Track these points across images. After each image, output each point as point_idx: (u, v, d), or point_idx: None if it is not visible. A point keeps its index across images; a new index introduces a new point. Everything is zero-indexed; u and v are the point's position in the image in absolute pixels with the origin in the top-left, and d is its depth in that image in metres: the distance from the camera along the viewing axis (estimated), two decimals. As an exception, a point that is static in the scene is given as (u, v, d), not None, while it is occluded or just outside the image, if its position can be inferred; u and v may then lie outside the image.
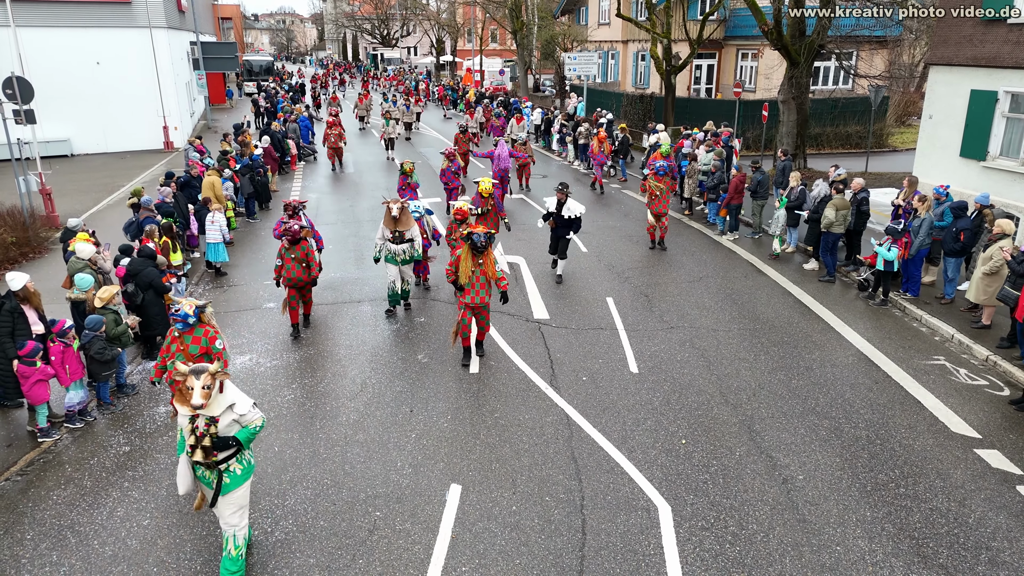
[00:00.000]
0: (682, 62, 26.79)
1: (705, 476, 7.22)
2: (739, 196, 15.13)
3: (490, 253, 9.07)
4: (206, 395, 5.32)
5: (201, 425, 5.40)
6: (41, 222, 15.50)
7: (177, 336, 7.06)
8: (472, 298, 9.06)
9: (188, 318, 6.93)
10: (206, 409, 5.39)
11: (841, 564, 6.03)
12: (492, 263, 9.06)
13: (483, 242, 8.90)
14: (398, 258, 10.78)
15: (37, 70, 21.52)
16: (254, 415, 5.64)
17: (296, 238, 9.97)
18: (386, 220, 10.67)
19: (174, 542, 6.32)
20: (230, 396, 5.58)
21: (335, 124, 23.43)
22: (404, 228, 10.69)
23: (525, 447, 7.73)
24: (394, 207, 10.50)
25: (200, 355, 6.96)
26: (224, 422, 5.48)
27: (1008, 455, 7.56)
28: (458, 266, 9.04)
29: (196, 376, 5.32)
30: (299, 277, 10.11)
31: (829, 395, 8.83)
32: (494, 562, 6.07)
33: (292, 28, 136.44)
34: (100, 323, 8.08)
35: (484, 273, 9.04)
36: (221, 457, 5.50)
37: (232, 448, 5.53)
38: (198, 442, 5.37)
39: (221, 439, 5.43)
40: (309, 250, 10.16)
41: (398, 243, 10.68)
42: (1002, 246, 9.94)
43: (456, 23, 66.56)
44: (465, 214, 10.53)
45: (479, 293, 9.07)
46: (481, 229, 9.01)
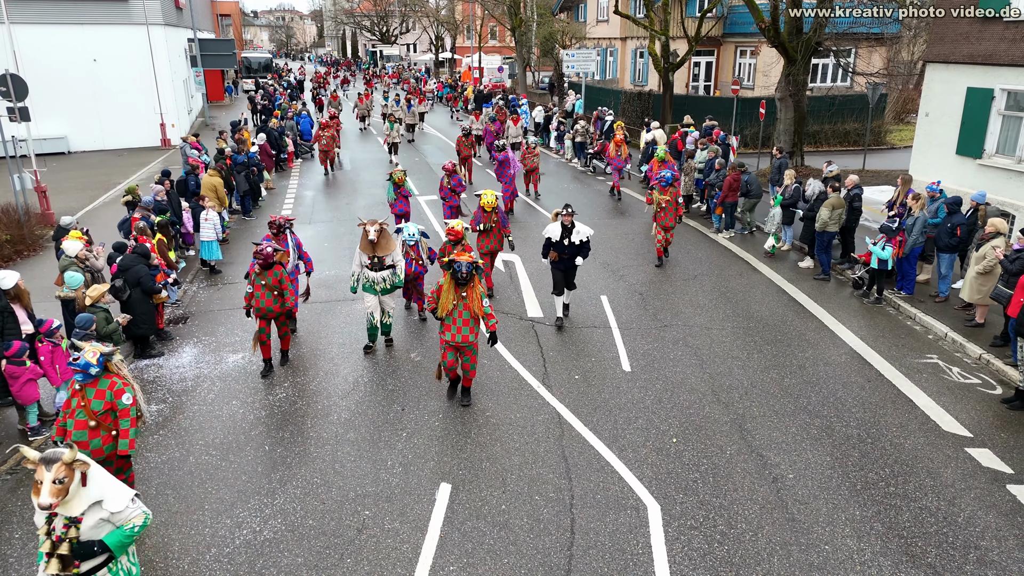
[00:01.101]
0: (680, 59, 26.74)
1: (695, 475, 7.21)
2: (734, 194, 15.11)
3: (476, 286, 7.94)
4: (57, 492, 4.30)
5: (58, 527, 4.39)
6: (36, 220, 15.50)
7: (78, 390, 5.79)
8: (453, 335, 7.92)
9: (90, 368, 5.67)
10: (63, 508, 4.40)
11: (829, 563, 6.02)
12: (479, 297, 7.91)
13: (464, 273, 7.75)
14: (377, 287, 9.53)
15: (33, 67, 21.48)
16: (132, 512, 4.63)
17: (268, 262, 8.78)
18: (362, 244, 9.42)
19: (162, 541, 6.31)
20: (96, 490, 4.53)
21: (328, 125, 22.57)
22: (384, 253, 9.47)
23: (516, 446, 7.73)
24: (371, 229, 9.28)
25: (105, 411, 5.79)
26: (89, 522, 4.48)
27: (999, 454, 7.55)
28: (439, 295, 8.01)
29: (47, 467, 4.28)
30: (270, 307, 8.88)
31: (821, 393, 8.82)
32: (482, 561, 6.07)
33: (291, 25, 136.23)
34: (90, 321, 8.05)
35: (469, 308, 7.89)
36: (85, 569, 4.51)
37: (100, 556, 4.54)
38: (54, 549, 4.37)
39: (83, 545, 4.44)
40: (283, 276, 8.92)
41: (377, 270, 9.44)
42: (995, 245, 9.92)
43: (455, 20, 66.49)
44: (459, 234, 9.41)
45: (461, 330, 7.91)
46: (466, 257, 7.82)
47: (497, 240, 11.49)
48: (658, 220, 13.39)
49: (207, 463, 7.47)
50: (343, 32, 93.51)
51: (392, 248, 9.56)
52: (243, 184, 17.02)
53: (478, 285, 7.97)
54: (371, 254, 9.43)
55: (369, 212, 17.66)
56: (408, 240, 10.09)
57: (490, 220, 11.32)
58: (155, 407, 8.60)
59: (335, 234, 15.89)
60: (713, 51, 33.22)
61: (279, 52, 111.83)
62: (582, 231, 10.22)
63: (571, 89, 35.32)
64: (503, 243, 11.66)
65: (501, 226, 11.49)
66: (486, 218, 11.31)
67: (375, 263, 9.43)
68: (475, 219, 11.43)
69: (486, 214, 11.29)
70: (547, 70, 49.86)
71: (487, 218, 11.31)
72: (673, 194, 13.25)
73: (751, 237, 15.53)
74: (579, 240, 10.19)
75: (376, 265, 9.44)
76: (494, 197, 11.20)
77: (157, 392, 8.95)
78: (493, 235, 11.44)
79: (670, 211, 13.21)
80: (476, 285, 7.94)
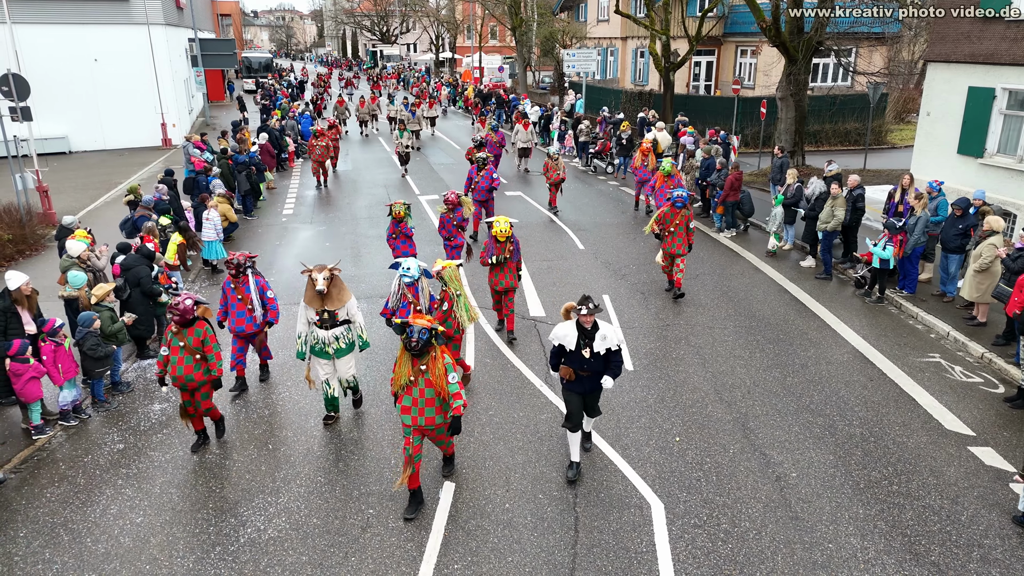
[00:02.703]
0: (681, 59, 26.75)
1: (698, 474, 7.22)
2: (735, 193, 15.12)
3: (439, 358, 6.28)
4: None
5: None
6: (38, 220, 15.50)
7: None
8: (415, 418, 6.33)
9: None
10: None
11: (833, 561, 6.03)
12: (442, 372, 6.25)
13: (416, 342, 6.11)
14: (328, 349, 7.71)
15: (34, 67, 21.48)
16: None
17: (186, 319, 7.10)
18: (308, 295, 7.69)
19: (167, 539, 6.33)
20: None
21: (323, 134, 20.61)
22: (336, 306, 7.68)
23: (519, 445, 7.73)
24: (319, 277, 7.55)
25: None
26: None
27: (1002, 452, 7.56)
28: (394, 369, 6.46)
29: None
30: (189, 375, 7.17)
31: (824, 392, 8.83)
32: (486, 559, 6.07)
33: (291, 25, 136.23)
34: (92, 319, 8.08)
35: (432, 385, 6.29)
36: None
37: None
38: None
39: None
40: (207, 336, 7.24)
41: (327, 327, 7.66)
42: (994, 243, 9.93)
43: (455, 20, 66.51)
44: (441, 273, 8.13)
45: (424, 411, 6.30)
46: (424, 321, 6.27)
47: (513, 275, 9.95)
48: (665, 246, 11.60)
49: (211, 462, 7.48)
50: (343, 32, 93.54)
51: (347, 299, 7.80)
52: (244, 184, 17.04)
53: (442, 356, 6.31)
54: (319, 308, 7.62)
55: (370, 212, 17.71)
56: (405, 279, 8.18)
57: (504, 251, 9.78)
58: (158, 406, 8.61)
59: (337, 234, 15.90)
60: (714, 51, 33.22)
61: (279, 52, 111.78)
62: (609, 336, 6.81)
63: (571, 89, 35.34)
64: (520, 278, 10.25)
65: (517, 258, 10.05)
66: (499, 249, 9.78)
67: (325, 319, 7.63)
68: (486, 251, 9.96)
69: (499, 244, 9.79)
70: (547, 70, 49.90)
71: (501, 249, 9.78)
72: (685, 217, 11.30)
73: (749, 236, 15.54)
74: (605, 349, 6.79)
75: (327, 322, 7.64)
76: (508, 225, 9.72)
77: (160, 391, 8.95)
78: (508, 269, 9.89)
79: (680, 235, 11.30)
80: (440, 356, 6.30)
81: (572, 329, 6.86)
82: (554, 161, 16.99)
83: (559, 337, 6.92)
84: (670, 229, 11.35)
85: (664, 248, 11.73)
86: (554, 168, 16.96)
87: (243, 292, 8.47)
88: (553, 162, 16.98)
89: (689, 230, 11.38)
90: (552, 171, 16.99)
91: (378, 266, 13.53)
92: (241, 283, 8.48)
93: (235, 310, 8.51)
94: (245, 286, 8.49)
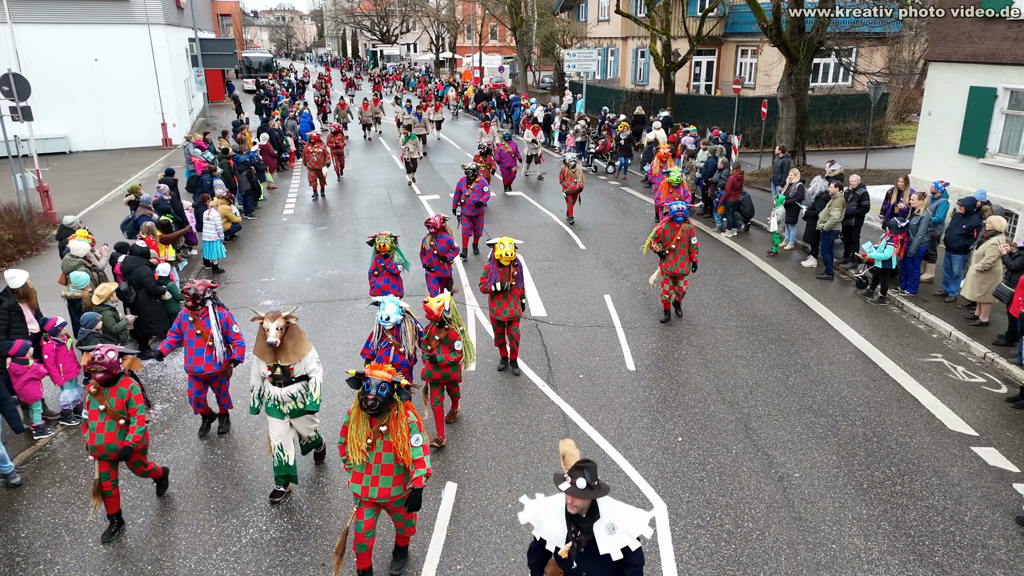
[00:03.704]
0: (681, 59, 26.75)
1: (701, 474, 7.21)
2: (736, 193, 15.11)
3: (403, 416, 5.25)
4: None
5: None
6: (38, 219, 15.49)
7: None
8: (365, 488, 5.31)
9: None
10: None
11: (837, 562, 6.02)
12: (405, 434, 5.22)
13: (374, 400, 5.13)
14: (283, 408, 6.57)
15: (34, 67, 21.45)
16: None
17: (111, 376, 5.97)
18: (258, 346, 6.54)
19: (168, 540, 6.31)
20: None
21: (319, 140, 18.90)
22: (290, 361, 6.49)
23: (521, 445, 7.72)
24: (270, 326, 6.38)
25: None
26: None
27: (1005, 453, 7.54)
28: (345, 433, 5.44)
29: None
30: (111, 444, 6.02)
31: (826, 392, 8.82)
32: (489, 560, 6.06)
33: (291, 25, 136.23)
34: (95, 320, 8.06)
35: (391, 448, 5.24)
36: None
37: None
38: None
39: None
40: (132, 396, 6.08)
41: (282, 384, 6.50)
42: (996, 242, 9.92)
43: (455, 20, 66.50)
44: (437, 316, 7.24)
45: (379, 481, 5.29)
46: (383, 373, 5.22)
47: (517, 303, 8.88)
48: (666, 266, 10.44)
49: (212, 462, 7.47)
50: (343, 32, 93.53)
51: (304, 352, 6.60)
52: (244, 183, 17.02)
53: (405, 415, 5.26)
54: (271, 362, 6.49)
55: (371, 212, 17.70)
56: (383, 322, 7.27)
57: (508, 277, 8.65)
58: (160, 406, 8.60)
59: (338, 234, 15.89)
60: (714, 51, 33.20)
61: (279, 52, 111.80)
62: (622, 525, 4.10)
63: (570, 88, 35.34)
64: (522, 304, 9.09)
65: (521, 284, 8.96)
66: (502, 274, 8.62)
67: (278, 375, 6.47)
68: (487, 276, 8.79)
69: (502, 269, 8.62)
70: (548, 70, 49.90)
71: (505, 274, 8.63)
72: (686, 232, 10.27)
73: (750, 236, 15.53)
74: (618, 550, 4.04)
75: (280, 378, 6.48)
76: (512, 247, 8.61)
77: (162, 391, 8.95)
78: (512, 297, 8.77)
79: (682, 253, 10.31)
80: (403, 415, 5.24)
81: (557, 511, 4.18)
82: (571, 168, 15.89)
83: (538, 524, 4.28)
84: (671, 247, 10.27)
85: (663, 268, 10.50)
86: (571, 176, 15.89)
87: (202, 327, 7.39)
88: (570, 169, 15.89)
89: (692, 247, 10.29)
90: (569, 179, 15.94)
91: (379, 266, 13.51)
92: (200, 316, 7.41)
93: (193, 347, 7.38)
94: (205, 320, 7.41)
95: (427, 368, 7.53)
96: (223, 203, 14.20)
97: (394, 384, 5.24)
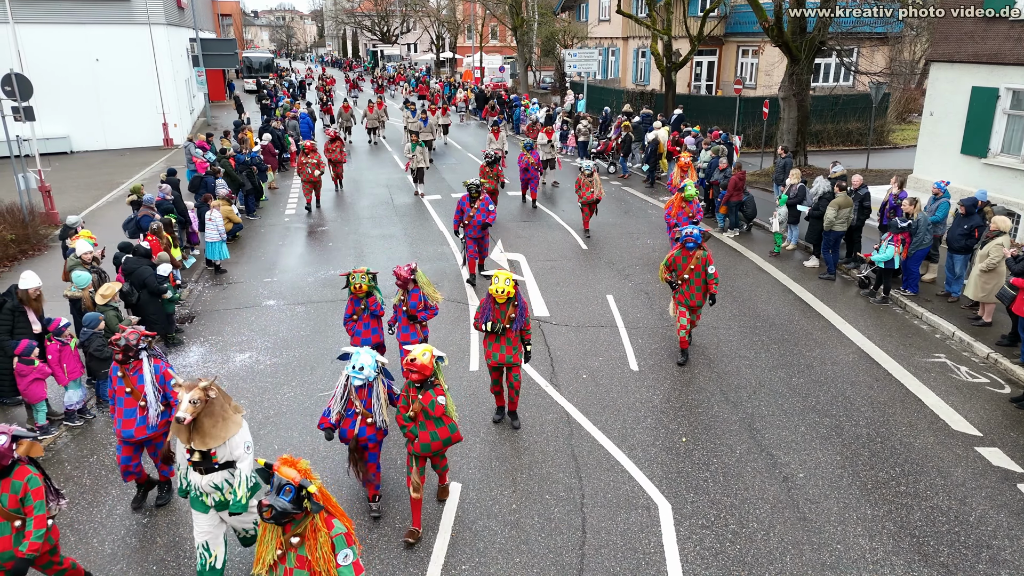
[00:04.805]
0: (683, 59, 26.75)
1: (705, 474, 7.21)
2: (739, 193, 15.11)
3: (320, 529, 4.30)
4: None
5: None
6: (40, 219, 15.49)
7: None
8: None
9: None
10: None
11: (842, 562, 6.02)
12: (327, 552, 4.27)
13: (268, 509, 4.12)
14: (206, 500, 5.44)
15: (36, 67, 21.46)
16: None
17: (2, 465, 4.89)
18: (175, 424, 5.34)
19: (173, 540, 6.31)
20: None
21: (313, 150, 17.17)
22: (209, 444, 5.28)
23: (525, 445, 7.72)
24: (183, 398, 5.19)
25: None
26: None
27: (1009, 453, 7.54)
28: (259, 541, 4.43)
29: None
30: (6, 552, 4.95)
31: (830, 393, 8.82)
32: (494, 560, 6.06)
33: (291, 25, 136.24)
34: (97, 320, 8.06)
35: (306, 567, 4.27)
36: None
37: None
38: None
39: None
40: (28, 492, 4.93)
41: (204, 471, 5.34)
42: (1001, 243, 9.92)
43: (456, 20, 66.50)
44: (425, 371, 5.84)
45: None
46: (292, 472, 4.22)
47: (514, 348, 7.58)
48: (681, 298, 9.21)
49: (216, 462, 7.45)
50: (343, 32, 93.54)
51: (230, 434, 5.35)
52: (246, 183, 17.02)
53: (325, 526, 4.31)
54: (186, 443, 5.33)
55: (372, 212, 17.69)
56: (356, 380, 6.02)
57: (503, 317, 7.47)
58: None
59: (339, 234, 15.88)
60: (715, 51, 33.22)
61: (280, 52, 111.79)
62: None
63: (571, 88, 35.33)
64: (525, 351, 7.79)
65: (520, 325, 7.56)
66: (498, 314, 7.46)
67: (197, 461, 5.32)
68: (481, 312, 7.64)
69: (498, 308, 7.46)
70: (548, 70, 49.89)
71: (500, 314, 7.45)
72: (701, 260, 9.00)
73: (752, 236, 15.52)
74: None
75: (199, 464, 5.33)
76: (510, 283, 7.37)
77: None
78: (508, 339, 7.53)
79: (697, 283, 9.04)
80: (321, 527, 4.30)
81: None
82: (587, 178, 14.52)
83: None
84: (684, 276, 9.07)
85: (679, 300, 9.24)
86: (587, 186, 14.56)
87: (133, 383, 6.25)
88: (586, 178, 14.53)
89: (709, 276, 9.00)
90: (585, 189, 14.61)
91: (381, 265, 13.50)
92: (131, 371, 6.26)
93: (122, 407, 6.25)
94: (137, 375, 6.26)
95: (407, 437, 6.10)
96: (224, 204, 14.21)
97: (301, 490, 4.15)
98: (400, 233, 15.79)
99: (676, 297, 9.33)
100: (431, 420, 5.99)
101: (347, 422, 6.21)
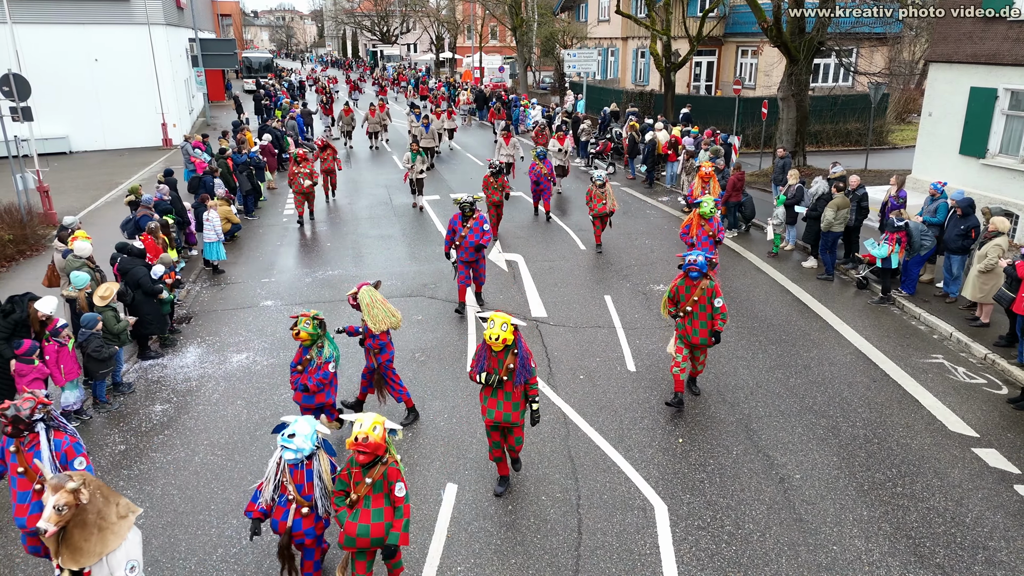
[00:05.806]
0: (682, 59, 26.73)
1: (702, 475, 7.20)
2: (737, 194, 15.11)
3: None
4: None
5: None
6: (38, 220, 15.49)
7: None
8: None
9: None
10: None
11: (838, 564, 6.01)
12: None
13: None
14: None
15: (34, 67, 21.45)
16: None
17: None
18: None
19: (168, 542, 6.30)
20: None
21: (305, 159, 15.94)
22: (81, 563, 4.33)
23: (522, 446, 7.70)
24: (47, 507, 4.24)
25: None
26: None
27: (1006, 454, 7.53)
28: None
29: None
30: None
31: (827, 393, 8.81)
32: (489, 561, 6.05)
33: (291, 25, 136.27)
34: (95, 320, 8.06)
35: None
36: None
37: None
38: None
39: None
40: None
41: None
42: (999, 244, 9.91)
43: (456, 20, 66.52)
44: (375, 451, 4.79)
45: None
46: None
47: (514, 405, 6.37)
48: (681, 332, 8.09)
49: (213, 463, 7.46)
50: (343, 32, 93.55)
51: (107, 548, 4.37)
52: (245, 183, 17.02)
53: None
54: (54, 557, 4.41)
55: (371, 212, 17.68)
56: (287, 454, 5.03)
57: (502, 367, 6.27)
58: (160, 407, 8.59)
59: (338, 234, 15.88)
60: (715, 51, 33.21)
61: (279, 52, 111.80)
62: None
63: (571, 89, 35.32)
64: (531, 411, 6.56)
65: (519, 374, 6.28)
66: (494, 362, 6.29)
67: None
68: (476, 359, 6.44)
69: (494, 356, 6.30)
70: (548, 70, 49.91)
71: (496, 362, 6.29)
72: (707, 291, 7.86)
73: (750, 237, 15.52)
74: None
75: None
76: (507, 328, 6.16)
77: (162, 392, 8.94)
78: (501, 394, 6.35)
79: (702, 318, 7.89)
80: None
81: None
82: (599, 189, 13.41)
83: None
84: (686, 308, 7.97)
85: (681, 336, 8.10)
86: (599, 198, 13.42)
87: (28, 461, 5.14)
88: (598, 190, 13.42)
89: (715, 311, 7.85)
90: (597, 201, 13.45)
91: (381, 265, 13.53)
92: (26, 447, 5.13)
93: (16, 489, 5.19)
94: (33, 451, 5.14)
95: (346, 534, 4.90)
96: (223, 204, 14.20)
97: None
98: (398, 233, 15.78)
99: (679, 333, 8.15)
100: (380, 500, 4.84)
101: (279, 511, 5.06)
